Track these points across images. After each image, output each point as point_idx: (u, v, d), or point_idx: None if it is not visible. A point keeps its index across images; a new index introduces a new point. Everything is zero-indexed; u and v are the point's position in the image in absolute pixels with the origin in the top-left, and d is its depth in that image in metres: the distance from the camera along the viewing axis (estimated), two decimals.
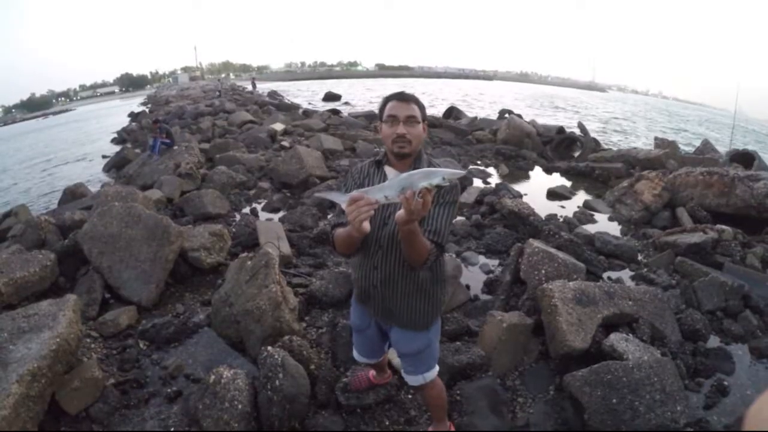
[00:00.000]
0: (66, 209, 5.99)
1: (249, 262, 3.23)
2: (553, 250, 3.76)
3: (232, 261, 3.74)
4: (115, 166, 10.83)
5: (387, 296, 1.80)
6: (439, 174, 1.24)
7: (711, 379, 3.07)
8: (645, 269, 4.52)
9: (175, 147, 9.45)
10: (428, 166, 1.72)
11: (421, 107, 1.71)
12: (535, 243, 3.80)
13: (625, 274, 4.49)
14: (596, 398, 2.43)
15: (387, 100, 1.72)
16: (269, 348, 2.51)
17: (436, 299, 1.87)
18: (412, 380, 2.01)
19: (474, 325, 3.37)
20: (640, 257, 4.86)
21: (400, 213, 1.30)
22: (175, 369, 2.94)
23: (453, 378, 2.77)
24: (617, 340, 2.81)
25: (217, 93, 29.72)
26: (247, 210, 6.20)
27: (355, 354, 2.23)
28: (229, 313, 3.19)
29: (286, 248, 4.32)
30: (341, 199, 1.39)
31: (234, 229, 5.04)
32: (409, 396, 2.68)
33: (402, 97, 1.69)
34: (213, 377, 2.40)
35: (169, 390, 2.76)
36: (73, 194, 7.22)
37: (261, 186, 7.21)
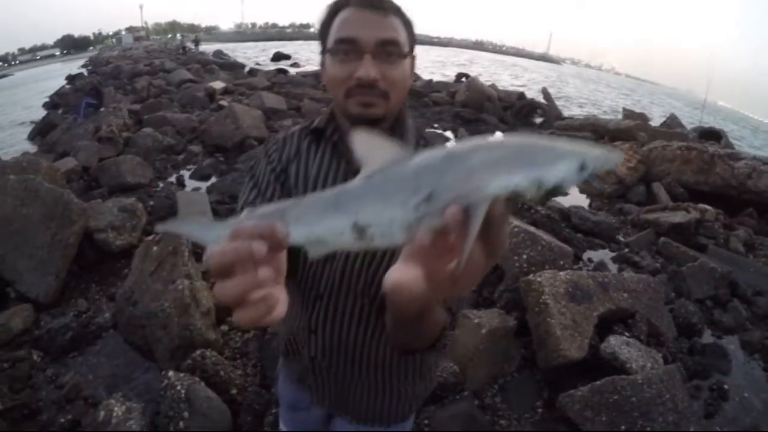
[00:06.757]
0: None
1: (155, 248, 2.48)
2: (533, 230, 3.21)
3: None
4: (40, 132, 9.42)
5: (336, 376, 0.98)
6: (569, 157, 0.36)
7: (708, 381, 2.72)
8: (626, 249, 4.09)
9: (102, 109, 8.34)
10: (421, 139, 0.94)
11: (407, 24, 0.85)
12: (514, 221, 3.25)
13: (606, 255, 4.03)
14: (600, 425, 1.92)
15: (337, 6, 0.83)
16: (170, 374, 1.82)
17: (429, 374, 1.07)
18: None
19: None
20: (619, 236, 4.44)
21: (410, 276, 0.43)
22: (71, 390, 2.23)
23: None
24: (618, 344, 2.31)
25: (181, 50, 27.60)
26: (173, 178, 5.32)
27: (282, 428, 1.33)
28: (133, 314, 2.46)
29: None
30: (207, 238, 0.45)
31: (152, 202, 4.22)
32: None
33: (370, 3, 0.80)
34: (102, 414, 1.78)
35: (63, 420, 2.06)
36: None
37: (191, 150, 6.24)
